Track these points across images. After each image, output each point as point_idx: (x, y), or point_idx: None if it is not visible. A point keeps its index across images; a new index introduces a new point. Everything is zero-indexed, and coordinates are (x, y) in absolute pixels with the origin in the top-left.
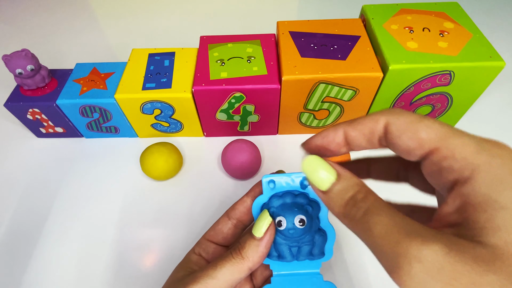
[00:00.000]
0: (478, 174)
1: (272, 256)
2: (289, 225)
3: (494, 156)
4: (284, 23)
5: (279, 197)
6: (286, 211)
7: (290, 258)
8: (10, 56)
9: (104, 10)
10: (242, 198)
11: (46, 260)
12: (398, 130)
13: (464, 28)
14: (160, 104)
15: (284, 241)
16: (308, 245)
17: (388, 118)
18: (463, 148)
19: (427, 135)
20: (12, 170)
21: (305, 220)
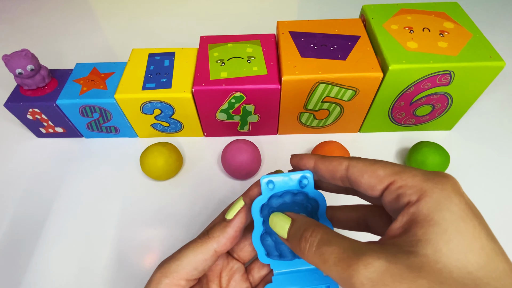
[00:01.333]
0: (423, 198)
1: (273, 256)
2: None
3: (437, 184)
4: (284, 23)
5: (279, 197)
6: (286, 210)
7: (291, 256)
8: (10, 56)
9: (104, 10)
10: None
11: (46, 260)
12: (360, 171)
13: (464, 28)
14: (160, 104)
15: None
16: None
17: (350, 161)
18: (413, 178)
19: (384, 172)
20: (12, 170)
21: None
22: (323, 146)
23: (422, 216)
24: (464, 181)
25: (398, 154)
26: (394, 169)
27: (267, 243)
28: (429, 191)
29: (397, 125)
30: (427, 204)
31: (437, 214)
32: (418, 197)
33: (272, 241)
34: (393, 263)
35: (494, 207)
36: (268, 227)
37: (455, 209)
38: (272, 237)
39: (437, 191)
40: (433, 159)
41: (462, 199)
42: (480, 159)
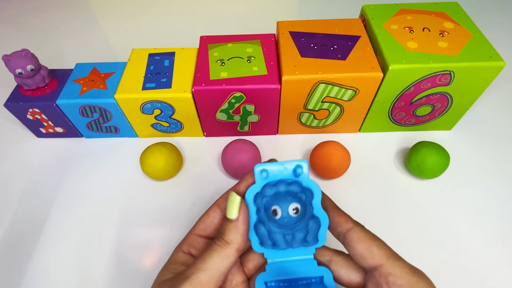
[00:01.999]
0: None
1: (267, 245)
2: (284, 214)
3: (421, 278)
4: (284, 23)
5: (273, 186)
6: (280, 200)
7: (284, 245)
8: (10, 56)
9: (104, 10)
10: (233, 187)
11: (46, 260)
12: (359, 238)
13: (464, 28)
14: (160, 104)
15: (278, 230)
16: (302, 232)
17: (354, 225)
18: (402, 269)
19: (378, 251)
20: (12, 170)
21: (299, 208)
22: (323, 146)
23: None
24: (464, 181)
25: (398, 154)
26: (387, 253)
27: (261, 232)
28: (415, 284)
29: (397, 125)
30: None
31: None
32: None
33: (265, 230)
34: None
35: (494, 207)
36: (261, 216)
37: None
38: (265, 226)
39: (422, 285)
40: (433, 159)
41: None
42: (480, 159)
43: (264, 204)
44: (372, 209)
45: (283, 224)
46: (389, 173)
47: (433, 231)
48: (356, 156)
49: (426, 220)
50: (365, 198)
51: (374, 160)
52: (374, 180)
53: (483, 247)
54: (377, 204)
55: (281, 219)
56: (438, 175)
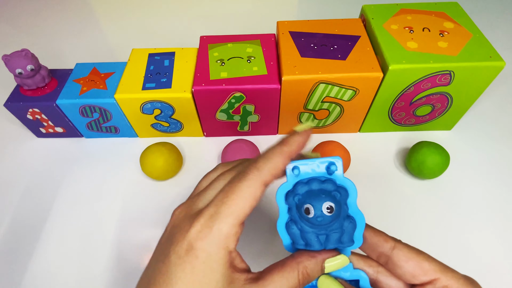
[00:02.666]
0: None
1: (299, 245)
2: (317, 213)
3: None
4: (284, 23)
5: (305, 184)
6: (313, 198)
7: (318, 246)
8: (10, 56)
9: (104, 10)
10: (295, 137)
11: (46, 260)
12: (406, 256)
13: (464, 28)
14: (160, 104)
15: (311, 229)
16: (337, 233)
17: (396, 243)
18: (458, 281)
19: (429, 266)
20: (12, 170)
21: (333, 207)
22: (323, 146)
23: None
24: (464, 181)
25: (398, 154)
26: (438, 266)
27: (293, 231)
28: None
29: (397, 125)
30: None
31: None
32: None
33: (298, 230)
34: None
35: (494, 207)
36: (293, 215)
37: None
38: (297, 225)
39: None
40: (433, 159)
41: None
42: (480, 159)
43: (296, 202)
44: (372, 209)
45: (317, 224)
46: (389, 173)
47: (433, 231)
48: (356, 156)
49: (426, 220)
50: (365, 198)
51: (374, 160)
52: (374, 180)
53: (483, 247)
54: (377, 204)
55: (314, 218)
56: (438, 175)
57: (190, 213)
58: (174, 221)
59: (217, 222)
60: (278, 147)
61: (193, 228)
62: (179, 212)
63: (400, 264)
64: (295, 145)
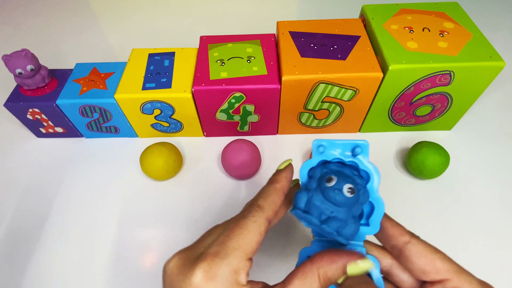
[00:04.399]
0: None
1: (297, 209)
2: (338, 185)
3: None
4: (284, 23)
5: (339, 166)
6: (340, 175)
7: (316, 220)
8: (10, 56)
9: (104, 10)
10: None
11: (46, 260)
12: (419, 252)
13: (464, 28)
14: (160, 104)
15: (318, 203)
16: (338, 222)
17: (412, 238)
18: (470, 284)
19: (443, 265)
20: (12, 170)
21: (354, 191)
22: None
23: None
24: (464, 181)
25: (398, 154)
26: (453, 267)
27: (300, 195)
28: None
29: (397, 125)
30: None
31: None
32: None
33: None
34: None
35: (494, 207)
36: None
37: None
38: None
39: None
40: (433, 159)
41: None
42: (480, 159)
43: (322, 173)
44: None
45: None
46: (389, 173)
47: (433, 230)
48: None
49: (426, 220)
50: None
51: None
52: None
53: (483, 247)
54: None
55: (331, 188)
56: (438, 175)
57: (190, 259)
58: (169, 276)
59: (224, 258)
60: (271, 186)
61: (197, 272)
62: (174, 262)
63: (412, 260)
64: (284, 181)
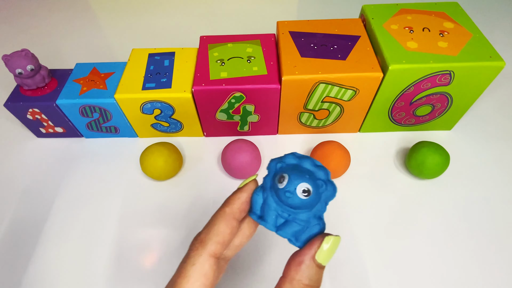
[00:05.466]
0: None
1: (253, 214)
2: (290, 187)
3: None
4: (284, 23)
5: (297, 157)
6: (294, 172)
7: (271, 226)
8: (10, 56)
9: (104, 10)
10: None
11: (46, 260)
12: None
13: (464, 28)
14: (160, 104)
15: (274, 205)
16: (299, 225)
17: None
18: None
19: None
20: (12, 170)
21: (311, 192)
22: (323, 146)
23: None
24: (464, 181)
25: (398, 154)
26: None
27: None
28: None
29: (397, 125)
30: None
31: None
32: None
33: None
34: None
35: (494, 207)
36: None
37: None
38: (264, 193)
39: None
40: (433, 159)
41: None
42: (480, 159)
43: (277, 169)
44: (372, 209)
45: (283, 200)
46: (389, 173)
47: (433, 231)
48: (356, 156)
49: (426, 220)
50: (365, 198)
51: (374, 160)
52: (374, 180)
53: (483, 247)
54: (377, 204)
55: (283, 190)
56: (438, 175)
57: None
58: None
59: None
60: (220, 211)
61: None
62: None
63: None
64: (237, 204)
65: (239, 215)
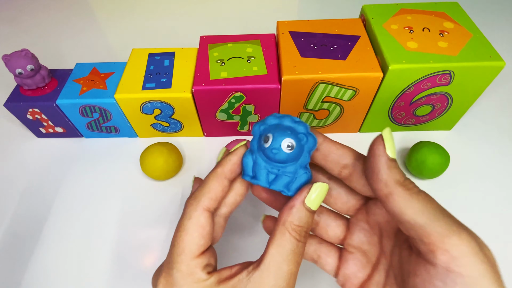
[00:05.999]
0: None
1: (246, 176)
2: (275, 145)
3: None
4: (284, 23)
5: (277, 117)
6: (277, 131)
7: (264, 182)
8: (10, 56)
9: (104, 10)
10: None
11: (46, 260)
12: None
13: (464, 28)
14: (160, 104)
15: (264, 163)
16: (288, 177)
17: (359, 157)
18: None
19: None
20: (12, 170)
21: (294, 145)
22: None
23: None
24: (464, 181)
25: (398, 154)
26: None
27: (246, 160)
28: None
29: (397, 125)
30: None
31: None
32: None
33: (251, 160)
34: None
35: (494, 207)
36: (253, 144)
37: None
38: (253, 156)
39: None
40: (433, 159)
41: None
42: (480, 159)
43: (261, 131)
44: None
45: (271, 157)
46: None
47: None
48: None
49: None
50: None
51: None
52: None
53: None
54: None
55: (269, 149)
56: (438, 175)
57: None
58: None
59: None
60: (212, 171)
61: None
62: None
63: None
64: (228, 165)
65: (230, 175)
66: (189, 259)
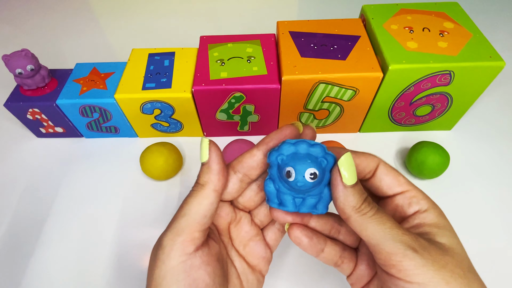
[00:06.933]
0: (431, 210)
1: (273, 203)
2: (299, 178)
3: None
4: (284, 23)
5: (292, 144)
6: (297, 162)
7: (292, 208)
8: (10, 56)
9: (104, 10)
10: (251, 151)
11: (46, 260)
12: (387, 169)
13: (464, 28)
14: (160, 104)
15: (289, 191)
16: (314, 198)
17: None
18: (423, 194)
19: (404, 180)
20: (12, 170)
21: (317, 174)
22: None
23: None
24: (464, 181)
25: (398, 154)
26: (410, 182)
27: (269, 189)
28: (434, 206)
29: (397, 125)
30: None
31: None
32: (427, 208)
33: (274, 189)
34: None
35: (494, 207)
36: (273, 173)
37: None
38: (275, 184)
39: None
40: (433, 159)
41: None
42: (480, 159)
43: (279, 162)
44: None
45: (297, 189)
46: None
47: None
48: None
49: None
50: None
51: None
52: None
53: (482, 247)
54: None
55: (294, 182)
56: (438, 175)
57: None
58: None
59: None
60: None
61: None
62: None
63: (382, 178)
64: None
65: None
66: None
